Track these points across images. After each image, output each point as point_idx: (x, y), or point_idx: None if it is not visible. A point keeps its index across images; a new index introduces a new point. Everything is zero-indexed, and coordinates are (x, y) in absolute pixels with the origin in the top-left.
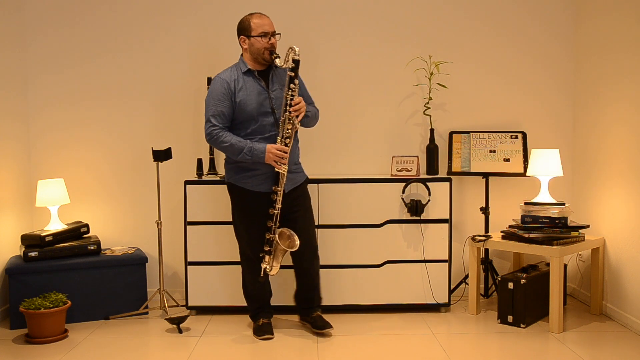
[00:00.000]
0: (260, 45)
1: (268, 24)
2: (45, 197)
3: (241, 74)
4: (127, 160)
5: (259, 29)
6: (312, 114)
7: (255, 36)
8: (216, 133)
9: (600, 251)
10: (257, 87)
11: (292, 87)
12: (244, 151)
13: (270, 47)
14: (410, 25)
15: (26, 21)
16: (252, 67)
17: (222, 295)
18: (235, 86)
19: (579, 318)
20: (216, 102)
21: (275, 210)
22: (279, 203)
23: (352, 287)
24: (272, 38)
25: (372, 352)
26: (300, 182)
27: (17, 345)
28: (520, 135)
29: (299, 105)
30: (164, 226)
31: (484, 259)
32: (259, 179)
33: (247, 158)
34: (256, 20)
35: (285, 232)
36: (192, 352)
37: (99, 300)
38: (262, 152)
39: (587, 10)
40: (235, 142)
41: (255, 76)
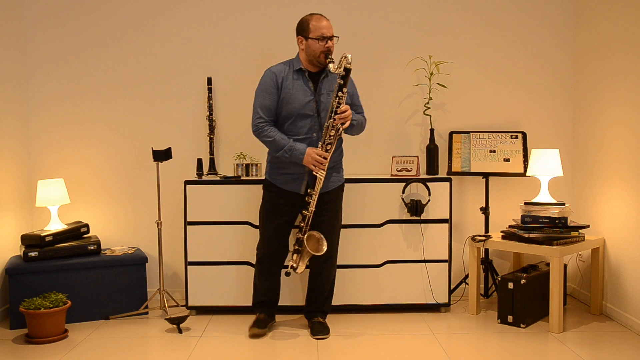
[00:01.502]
0: (317, 48)
1: (326, 27)
2: (45, 197)
3: (292, 71)
4: (127, 160)
5: (317, 32)
6: (357, 123)
7: (313, 38)
8: (262, 126)
9: (600, 251)
10: (305, 88)
11: (340, 94)
12: (284, 149)
13: (327, 51)
14: (410, 25)
15: (26, 19)
16: (305, 67)
17: (222, 295)
18: (284, 81)
19: (579, 318)
20: (264, 94)
21: (307, 212)
22: (312, 206)
23: (352, 287)
24: (329, 41)
25: (372, 353)
26: (333, 188)
27: (17, 345)
28: (520, 135)
29: (345, 113)
30: (164, 226)
31: (484, 259)
32: (288, 177)
33: (286, 156)
34: (315, 23)
35: (315, 235)
36: (192, 352)
37: (99, 300)
38: (302, 154)
39: (587, 11)
40: (278, 139)
41: (306, 77)
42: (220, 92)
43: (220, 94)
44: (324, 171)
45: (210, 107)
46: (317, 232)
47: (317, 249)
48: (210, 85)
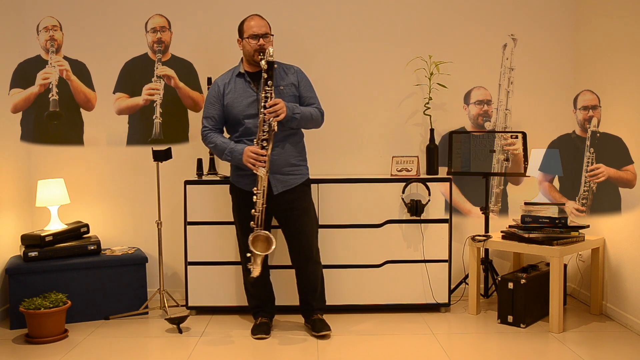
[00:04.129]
0: (250, 47)
1: (257, 25)
2: (45, 197)
3: (234, 77)
4: (127, 160)
5: (249, 31)
6: (303, 115)
7: (246, 38)
8: (206, 134)
9: (600, 251)
10: (246, 89)
11: (267, 88)
12: (225, 152)
13: (259, 49)
14: (410, 25)
15: (26, 21)
16: (247, 68)
17: (222, 295)
18: (225, 89)
19: (579, 318)
20: (208, 105)
21: (256, 212)
22: (259, 205)
23: (352, 287)
24: (261, 39)
25: (372, 352)
26: (295, 185)
27: (17, 345)
28: (520, 135)
29: (275, 107)
30: (164, 226)
31: (484, 259)
32: (249, 178)
33: (229, 159)
34: (247, 22)
35: (261, 234)
36: (192, 352)
37: (99, 300)
38: (240, 154)
39: (587, 11)
40: (219, 143)
41: (246, 78)
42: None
43: None
44: (264, 168)
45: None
46: (264, 232)
47: (265, 249)
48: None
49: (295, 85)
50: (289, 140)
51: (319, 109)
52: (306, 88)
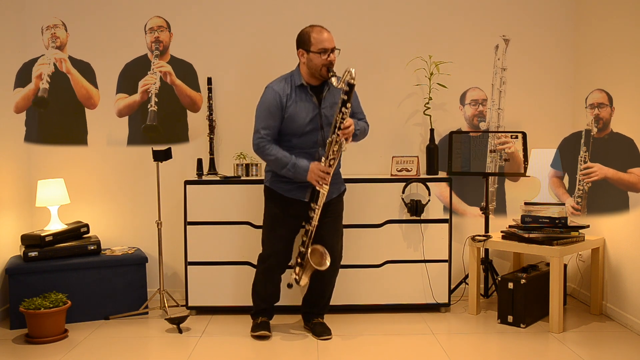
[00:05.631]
0: (319, 62)
1: (328, 40)
2: (45, 197)
3: (294, 87)
4: (127, 160)
5: (319, 45)
6: (360, 132)
7: (315, 52)
8: (263, 145)
9: (600, 251)
10: (308, 104)
11: (344, 110)
12: (287, 166)
13: (329, 64)
14: (410, 25)
15: (26, 21)
16: (307, 80)
17: (222, 295)
18: (287, 100)
19: (579, 318)
20: (267, 114)
21: (310, 226)
22: (315, 220)
23: (352, 287)
24: (331, 54)
25: (372, 352)
26: (335, 195)
27: (17, 345)
28: (520, 135)
29: (349, 129)
30: (164, 226)
31: (484, 259)
32: (293, 185)
33: (290, 174)
34: (316, 35)
35: (319, 249)
36: (192, 352)
37: (99, 300)
38: (305, 171)
39: (587, 11)
40: (281, 157)
41: (308, 92)
42: (220, 92)
43: (220, 94)
44: (327, 186)
45: (210, 107)
46: (321, 247)
47: (320, 263)
48: (210, 85)
49: (352, 104)
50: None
51: (367, 123)
52: (357, 104)
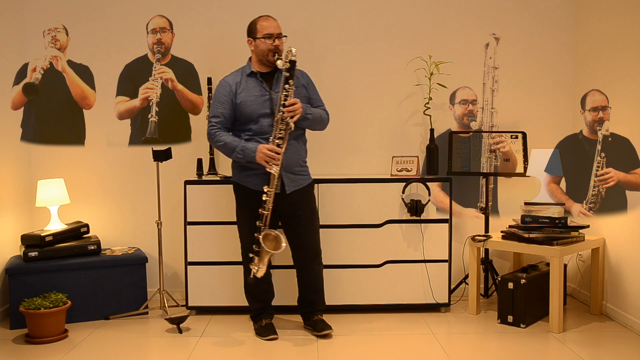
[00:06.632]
0: (265, 47)
1: (273, 26)
2: (45, 197)
3: (245, 76)
4: (127, 160)
5: (264, 31)
6: (314, 117)
7: (260, 38)
8: (214, 132)
9: (600, 251)
10: (259, 89)
11: (287, 87)
12: (236, 150)
13: (274, 49)
14: (410, 25)
15: (28, 24)
16: (257, 68)
17: (222, 295)
18: (237, 88)
19: (579, 318)
20: (217, 104)
21: (265, 210)
22: (269, 204)
23: (352, 287)
24: (276, 40)
25: (372, 352)
26: (305, 185)
27: (17, 345)
28: (520, 135)
29: (294, 106)
30: (164, 226)
31: (484, 259)
32: (259, 177)
33: (240, 157)
34: (262, 23)
35: (271, 233)
36: (192, 352)
37: (99, 300)
38: (253, 152)
39: (587, 11)
40: (229, 142)
41: (258, 78)
42: None
43: None
44: (278, 167)
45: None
46: (273, 231)
47: (275, 247)
48: (210, 85)
49: (305, 87)
50: (300, 140)
51: (326, 111)
52: (314, 90)
